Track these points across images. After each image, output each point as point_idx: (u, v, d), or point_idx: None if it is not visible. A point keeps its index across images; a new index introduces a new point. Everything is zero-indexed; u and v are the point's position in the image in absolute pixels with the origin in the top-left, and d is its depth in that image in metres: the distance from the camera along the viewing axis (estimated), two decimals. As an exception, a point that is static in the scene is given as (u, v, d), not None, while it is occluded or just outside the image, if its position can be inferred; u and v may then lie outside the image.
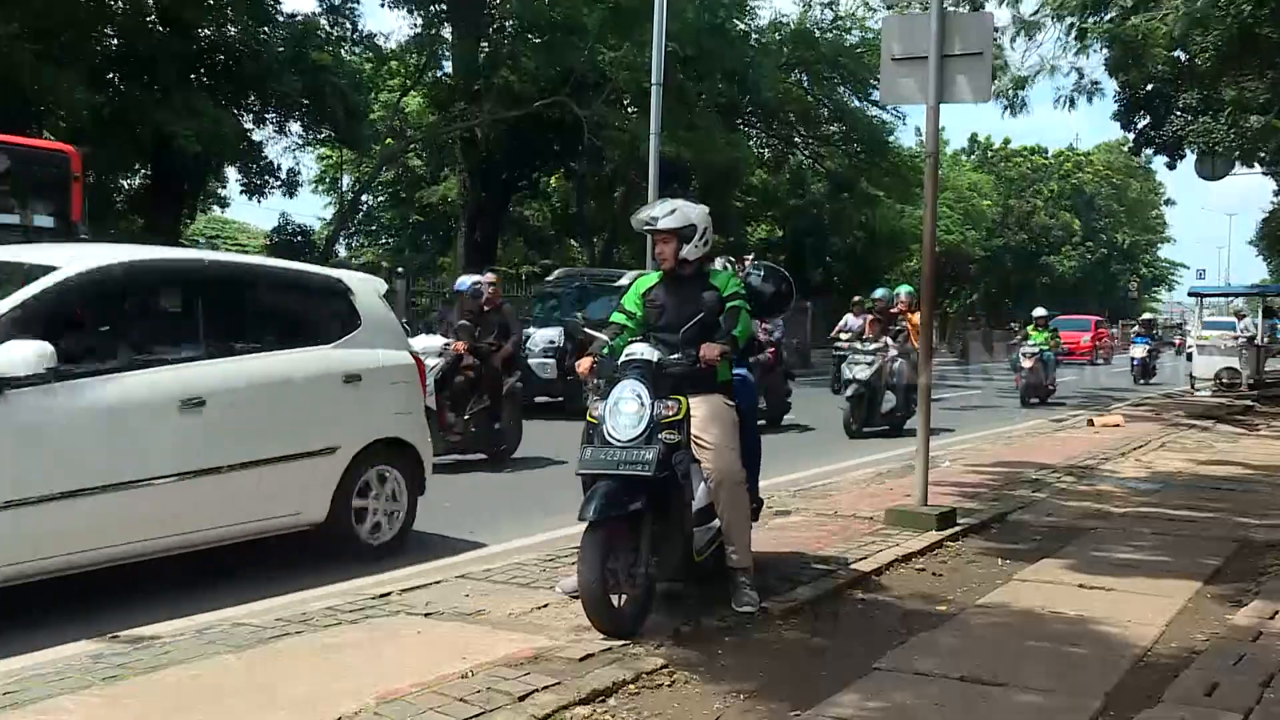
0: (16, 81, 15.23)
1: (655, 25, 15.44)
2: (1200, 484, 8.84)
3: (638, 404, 4.40)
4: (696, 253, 4.77)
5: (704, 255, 4.84)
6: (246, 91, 21.08)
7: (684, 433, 4.47)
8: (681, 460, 4.44)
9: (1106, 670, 4.06)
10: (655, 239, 4.80)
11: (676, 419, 4.44)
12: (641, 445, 4.32)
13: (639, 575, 4.31)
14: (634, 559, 4.30)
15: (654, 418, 4.37)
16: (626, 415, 4.39)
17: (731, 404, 4.75)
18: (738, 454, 4.68)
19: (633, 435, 4.35)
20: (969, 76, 6.48)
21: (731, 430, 4.68)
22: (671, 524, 4.46)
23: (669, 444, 4.38)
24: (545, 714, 3.45)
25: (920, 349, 7.07)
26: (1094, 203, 63.60)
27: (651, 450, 4.29)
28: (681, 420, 4.46)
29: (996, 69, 14.51)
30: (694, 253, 4.76)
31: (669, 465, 4.36)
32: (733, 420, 4.71)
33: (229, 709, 3.49)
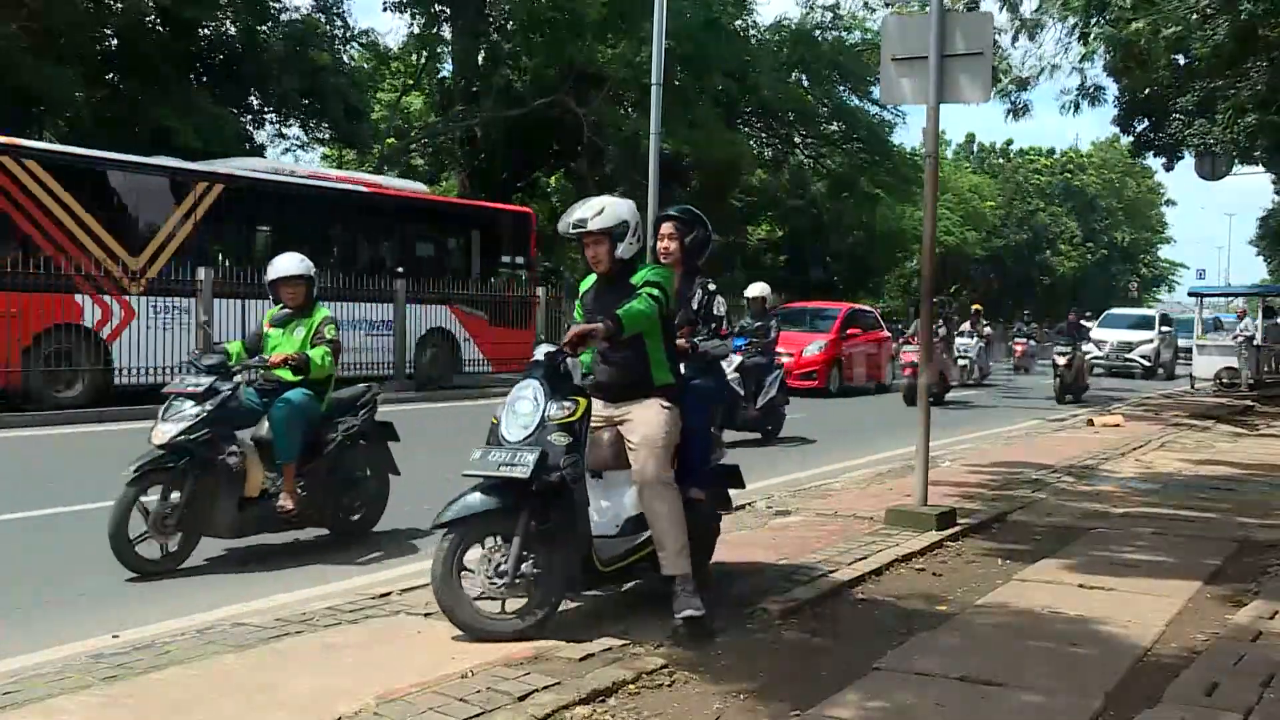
0: (16, 81, 15.23)
1: (655, 23, 15.46)
2: (1200, 484, 8.84)
3: (531, 404, 4.30)
4: (630, 250, 4.59)
5: (638, 252, 4.65)
6: (246, 91, 21.11)
7: (579, 434, 4.28)
8: (573, 463, 4.24)
9: (1107, 670, 4.06)
10: (586, 241, 4.58)
11: (570, 420, 4.27)
12: (525, 447, 4.20)
13: (519, 580, 4.17)
14: (505, 562, 4.16)
15: (545, 418, 4.24)
16: (519, 416, 4.30)
17: (670, 406, 4.52)
18: (664, 458, 4.42)
19: (521, 436, 4.24)
20: (969, 76, 6.48)
21: (661, 433, 4.44)
22: (564, 529, 4.26)
23: (558, 446, 4.21)
24: (545, 714, 3.45)
25: (920, 349, 7.06)
26: (1094, 203, 63.60)
27: (533, 453, 4.16)
28: (576, 421, 4.28)
29: (998, 70, 14.52)
30: (628, 251, 4.58)
31: (555, 468, 4.18)
32: (665, 423, 4.47)
33: (229, 709, 3.49)
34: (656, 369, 4.59)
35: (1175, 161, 23.80)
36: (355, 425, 6.20)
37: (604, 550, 4.45)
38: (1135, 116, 23.44)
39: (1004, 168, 61.87)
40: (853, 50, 32.08)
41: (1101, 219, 63.87)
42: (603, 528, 4.56)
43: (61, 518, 6.80)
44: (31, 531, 6.54)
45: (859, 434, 12.68)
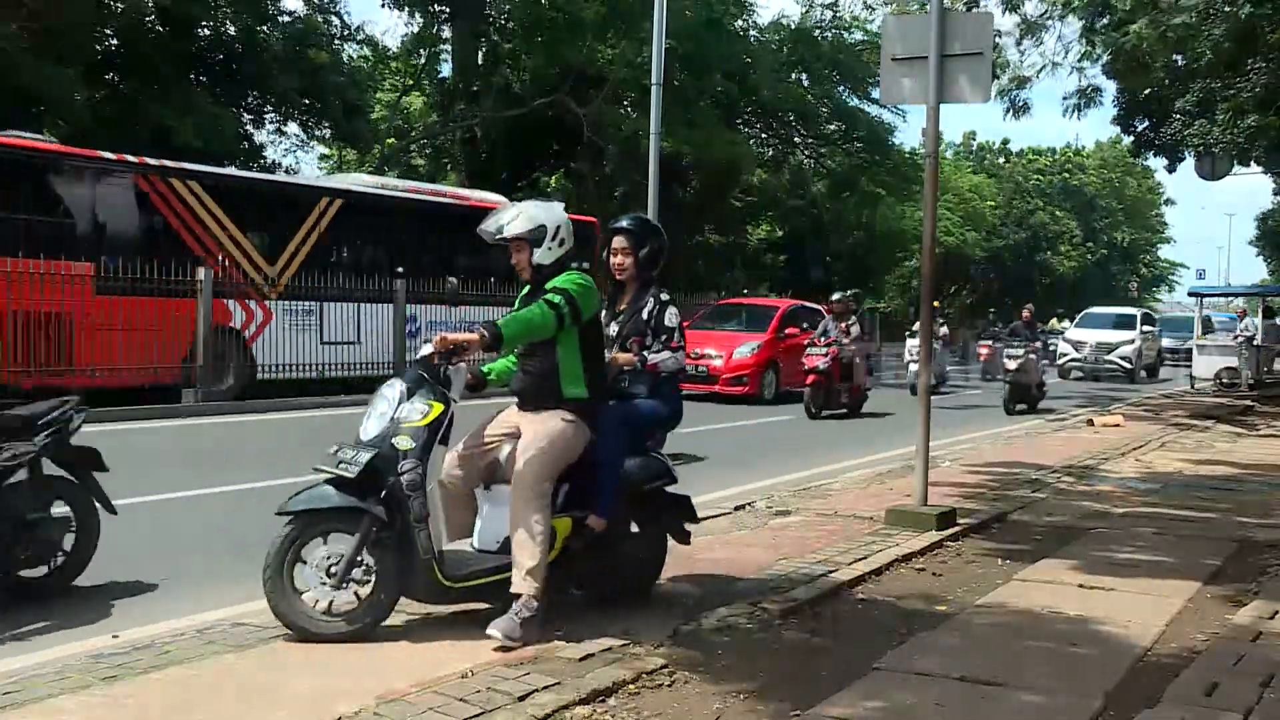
0: (16, 81, 15.23)
1: (655, 23, 15.44)
2: (1200, 484, 8.84)
3: (387, 404, 4.20)
4: (550, 256, 4.43)
5: (564, 255, 4.47)
6: (245, 90, 21.11)
7: (425, 439, 4.12)
8: (411, 468, 4.08)
9: (1107, 670, 4.06)
10: (510, 249, 4.47)
11: (418, 424, 4.12)
12: (366, 447, 4.11)
13: (349, 583, 4.09)
14: (338, 563, 4.07)
15: (395, 419, 4.14)
16: (374, 414, 4.21)
17: (571, 420, 4.34)
18: (541, 470, 4.22)
19: (370, 435, 4.15)
20: (969, 76, 6.48)
21: (543, 444, 4.26)
22: (407, 537, 4.11)
23: (400, 450, 4.09)
24: (545, 714, 3.45)
25: (921, 350, 7.06)
26: (1094, 202, 63.62)
27: (369, 453, 4.06)
28: (424, 426, 4.13)
29: (997, 68, 14.52)
30: (547, 256, 4.42)
31: (393, 471, 4.06)
32: (555, 435, 4.29)
33: (229, 709, 3.49)
34: (567, 381, 4.41)
35: (1177, 162, 23.86)
36: (29, 452, 4.77)
37: (453, 566, 4.25)
38: (1135, 116, 23.48)
39: (1003, 167, 61.89)
40: (853, 50, 32.09)
41: (1101, 219, 63.88)
42: (484, 541, 4.42)
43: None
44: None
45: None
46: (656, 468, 4.73)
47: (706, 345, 16.28)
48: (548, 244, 4.43)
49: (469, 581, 4.26)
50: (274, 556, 4.07)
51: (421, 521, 4.11)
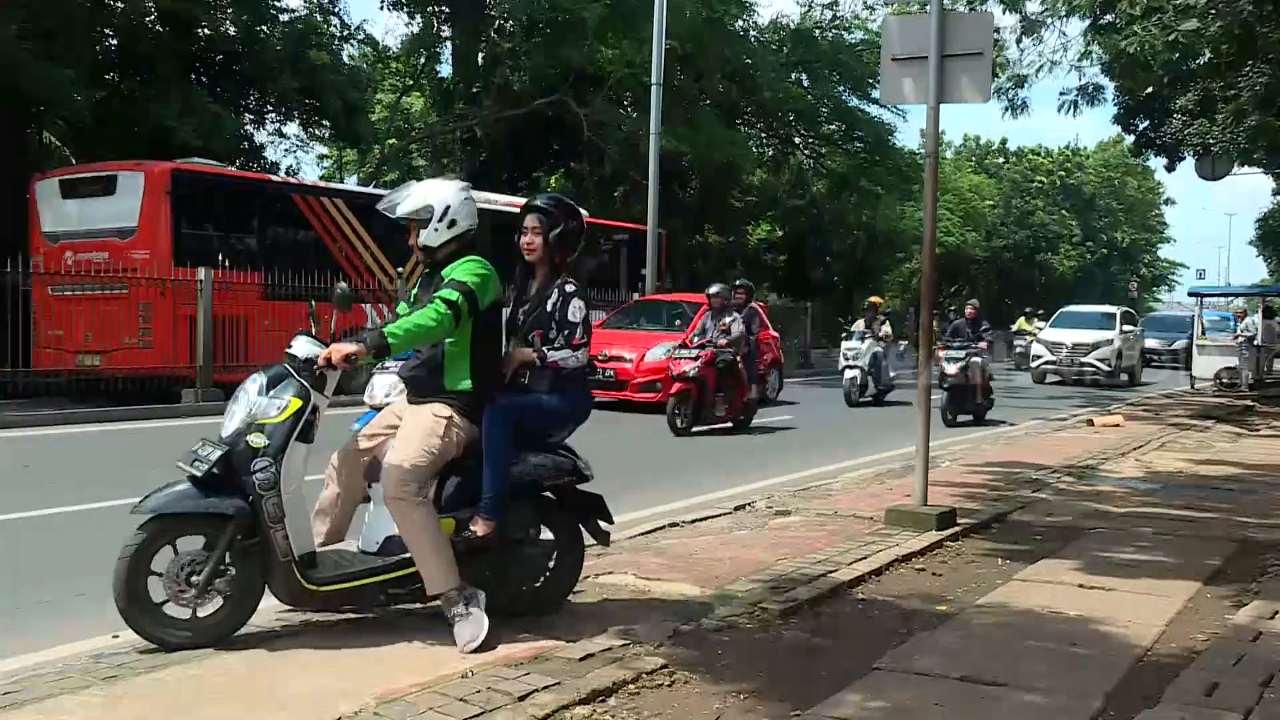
0: (16, 81, 15.23)
1: (655, 23, 15.47)
2: (1200, 484, 8.84)
3: (245, 399, 4.06)
4: (437, 238, 4.25)
5: (457, 239, 4.29)
6: (245, 90, 21.11)
7: (278, 437, 3.97)
8: (263, 468, 3.93)
9: (1106, 670, 4.06)
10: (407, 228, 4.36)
11: (276, 420, 3.98)
12: (219, 444, 3.97)
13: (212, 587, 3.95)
14: (194, 568, 3.93)
15: (251, 415, 4.00)
16: (232, 411, 4.07)
17: (445, 416, 4.17)
18: (410, 471, 4.05)
19: (227, 432, 4.02)
20: (969, 76, 6.48)
21: (418, 443, 4.10)
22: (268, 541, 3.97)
23: (253, 448, 3.94)
24: (545, 714, 3.45)
25: (921, 350, 7.07)
26: (1094, 202, 63.62)
27: (219, 450, 3.93)
28: (282, 423, 3.97)
29: (997, 67, 14.53)
30: (434, 238, 4.25)
31: (245, 470, 3.92)
32: (425, 433, 4.13)
33: (229, 709, 3.49)
34: (452, 372, 4.23)
35: (1177, 162, 23.87)
36: None
37: (326, 568, 4.11)
38: (1136, 116, 23.49)
39: (1003, 167, 61.90)
40: (853, 50, 32.07)
41: (1101, 218, 63.88)
42: (366, 542, 4.30)
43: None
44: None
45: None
46: (562, 465, 4.45)
47: (617, 346, 14.69)
48: (434, 225, 4.25)
49: (335, 585, 4.07)
50: (126, 562, 3.86)
51: (277, 523, 3.94)
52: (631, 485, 7.87)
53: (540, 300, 4.50)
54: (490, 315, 4.31)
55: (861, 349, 16.25)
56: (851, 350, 16.39)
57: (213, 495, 3.94)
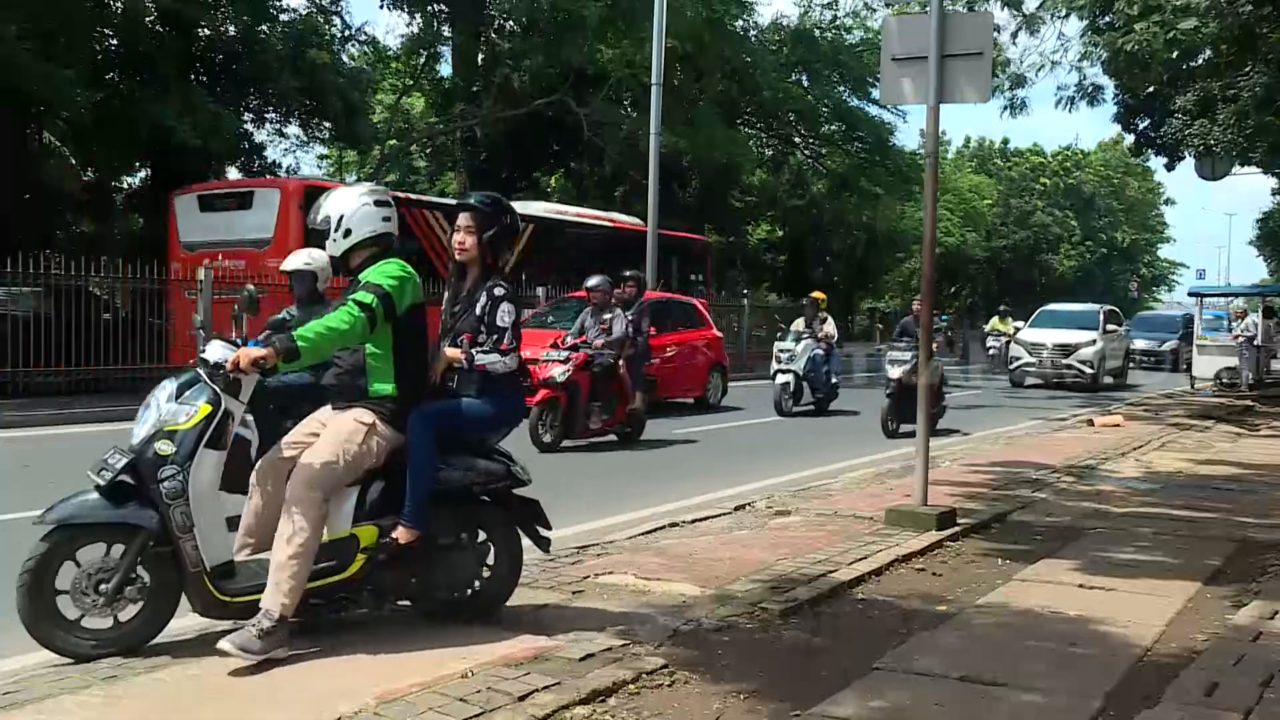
0: (16, 81, 15.23)
1: (655, 23, 15.47)
2: (1200, 484, 8.84)
3: (154, 405, 3.97)
4: (337, 249, 4.20)
5: (363, 246, 4.20)
6: (245, 90, 21.10)
7: (186, 444, 3.87)
8: (170, 476, 3.84)
9: (1106, 670, 4.06)
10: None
11: (183, 427, 3.89)
12: (126, 452, 3.89)
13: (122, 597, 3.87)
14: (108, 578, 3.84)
15: (160, 422, 3.91)
16: (142, 418, 3.97)
17: (365, 422, 4.09)
18: (319, 476, 3.98)
19: (135, 439, 3.93)
20: (969, 76, 6.48)
21: (334, 447, 4.02)
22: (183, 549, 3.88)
23: (160, 455, 3.85)
24: (545, 714, 3.45)
25: (921, 349, 7.07)
26: (1093, 201, 63.66)
27: (124, 458, 3.86)
28: (190, 430, 3.89)
29: (996, 66, 14.54)
30: (334, 248, 4.20)
31: (152, 479, 3.83)
32: (342, 438, 4.05)
33: (229, 709, 3.49)
34: (374, 377, 4.16)
35: (1177, 162, 23.86)
36: None
37: (243, 577, 4.03)
38: (1136, 115, 23.49)
39: (1001, 167, 61.94)
40: (852, 50, 32.09)
41: (1101, 218, 63.91)
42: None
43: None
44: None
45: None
46: (494, 470, 4.36)
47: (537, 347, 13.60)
48: (332, 235, 4.20)
49: (251, 596, 3.97)
50: (30, 572, 3.77)
51: (186, 532, 3.85)
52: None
53: (471, 302, 4.44)
54: (413, 318, 4.20)
55: (796, 350, 14.34)
56: (785, 352, 14.39)
57: (120, 505, 3.86)
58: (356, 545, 4.09)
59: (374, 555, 4.10)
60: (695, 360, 15.31)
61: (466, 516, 4.40)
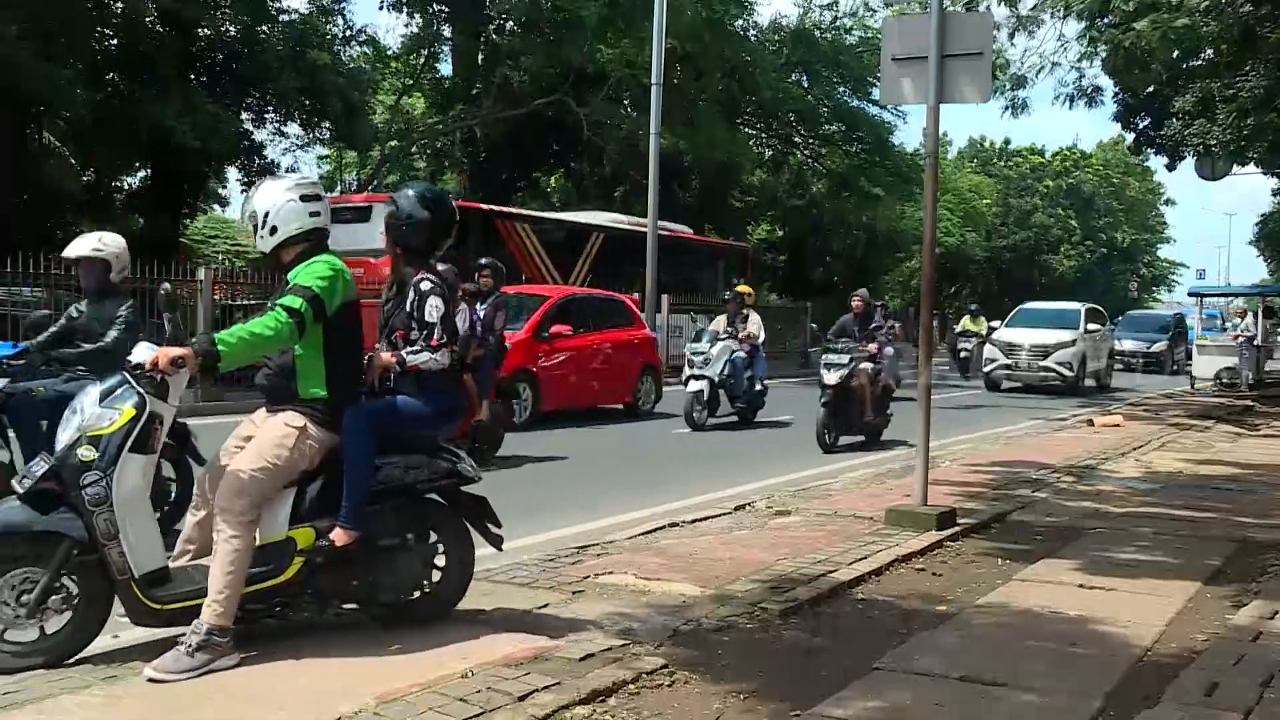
0: (16, 81, 15.23)
1: (655, 23, 15.46)
2: (1200, 484, 8.84)
3: (78, 410, 3.86)
4: (265, 245, 4.09)
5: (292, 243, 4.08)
6: (245, 90, 21.11)
7: (109, 449, 3.75)
8: (93, 482, 3.73)
9: (1106, 670, 4.06)
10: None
11: (106, 432, 3.76)
12: (49, 459, 3.81)
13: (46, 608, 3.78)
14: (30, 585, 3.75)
15: (83, 427, 3.79)
16: (66, 424, 3.87)
17: (297, 426, 4.00)
18: (245, 483, 3.89)
19: (59, 445, 3.84)
20: (969, 76, 6.48)
21: (261, 453, 3.94)
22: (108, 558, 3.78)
23: (81, 462, 3.74)
24: (545, 714, 3.45)
25: (921, 349, 7.07)
26: (1093, 201, 63.66)
27: (44, 465, 3.79)
28: (113, 434, 3.76)
29: (996, 67, 14.53)
30: (262, 245, 4.09)
31: (75, 486, 3.73)
32: (272, 443, 3.96)
33: (229, 709, 3.49)
34: (305, 379, 4.05)
35: (1177, 162, 23.87)
36: None
37: (178, 583, 3.93)
38: (1136, 114, 23.49)
39: (1001, 166, 61.97)
40: (852, 51, 32.09)
41: (1101, 218, 63.92)
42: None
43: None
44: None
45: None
46: (438, 468, 4.26)
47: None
48: (259, 232, 4.08)
49: (183, 602, 3.87)
50: None
51: (111, 540, 3.74)
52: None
53: (402, 299, 4.35)
54: (345, 318, 4.09)
55: (711, 353, 12.52)
56: (697, 354, 12.64)
57: (42, 513, 3.77)
58: (293, 548, 4.00)
59: (311, 558, 4.01)
60: (623, 363, 13.87)
61: (412, 516, 4.30)
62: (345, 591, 4.22)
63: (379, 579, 4.22)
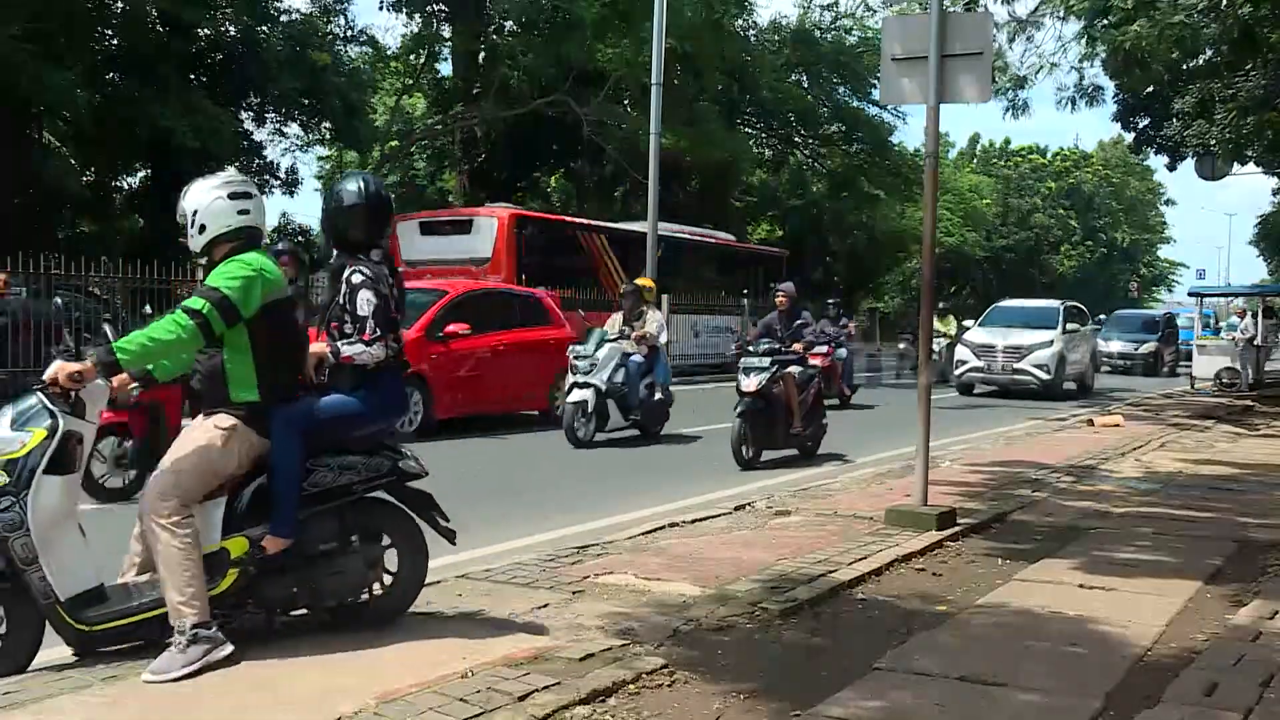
0: (16, 81, 15.23)
1: (655, 23, 15.43)
2: (1200, 484, 8.84)
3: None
4: (196, 244, 4.02)
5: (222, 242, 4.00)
6: (246, 91, 21.12)
7: (21, 473, 3.67)
8: (6, 509, 3.65)
9: (1106, 670, 4.06)
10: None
11: (16, 455, 3.67)
12: None
13: None
14: None
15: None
16: None
17: (225, 428, 3.92)
18: (173, 485, 3.83)
19: None
20: (969, 76, 6.48)
21: (187, 455, 3.88)
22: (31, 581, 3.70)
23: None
24: (545, 714, 3.45)
25: (921, 350, 7.06)
26: (1093, 202, 63.69)
27: None
28: (24, 457, 3.67)
29: (995, 69, 14.52)
30: (194, 243, 4.02)
31: None
32: (198, 446, 3.89)
33: (229, 709, 3.49)
34: (235, 383, 3.96)
35: (1178, 162, 23.88)
36: None
37: (116, 601, 3.85)
38: (1136, 114, 23.50)
39: (1001, 166, 62.00)
40: (852, 51, 32.11)
41: (1101, 218, 63.95)
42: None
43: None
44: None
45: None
46: (377, 467, 4.17)
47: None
48: (190, 232, 4.01)
49: (112, 623, 3.79)
50: None
51: (29, 565, 3.66)
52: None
53: (334, 293, 4.27)
54: (272, 317, 3.97)
55: (597, 357, 10.80)
56: (581, 359, 10.80)
57: None
58: (227, 558, 3.92)
59: (246, 568, 3.93)
60: (536, 366, 12.42)
61: (354, 518, 4.22)
62: (287, 599, 4.12)
63: (321, 584, 4.13)
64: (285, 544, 3.97)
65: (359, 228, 4.26)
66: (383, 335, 4.17)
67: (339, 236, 4.30)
